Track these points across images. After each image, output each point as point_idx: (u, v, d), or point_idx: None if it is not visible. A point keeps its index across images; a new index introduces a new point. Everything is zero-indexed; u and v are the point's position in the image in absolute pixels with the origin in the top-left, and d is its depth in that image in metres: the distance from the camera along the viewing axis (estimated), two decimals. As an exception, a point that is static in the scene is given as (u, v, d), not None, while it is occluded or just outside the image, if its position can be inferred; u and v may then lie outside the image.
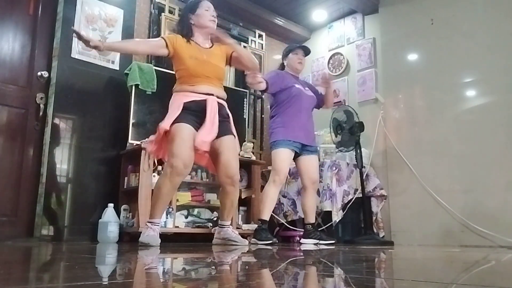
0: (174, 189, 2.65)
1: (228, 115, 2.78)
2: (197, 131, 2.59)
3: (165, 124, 2.55)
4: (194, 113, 2.61)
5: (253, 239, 3.26)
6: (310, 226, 3.40)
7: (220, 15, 4.22)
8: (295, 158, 3.40)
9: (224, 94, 2.79)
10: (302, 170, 3.41)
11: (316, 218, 4.09)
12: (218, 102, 2.70)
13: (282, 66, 3.62)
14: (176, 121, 2.56)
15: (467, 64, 3.69)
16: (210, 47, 2.83)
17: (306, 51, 3.58)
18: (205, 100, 2.63)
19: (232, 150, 2.72)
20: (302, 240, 3.42)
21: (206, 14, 2.78)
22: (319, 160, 3.51)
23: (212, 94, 2.68)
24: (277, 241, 3.31)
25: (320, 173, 3.89)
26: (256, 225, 3.37)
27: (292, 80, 3.45)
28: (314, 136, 3.52)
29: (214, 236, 2.92)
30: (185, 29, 2.79)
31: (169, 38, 2.73)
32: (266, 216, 3.29)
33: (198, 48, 2.75)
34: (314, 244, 3.26)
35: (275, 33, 4.98)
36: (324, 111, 3.78)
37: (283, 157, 3.29)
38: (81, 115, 3.35)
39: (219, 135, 2.66)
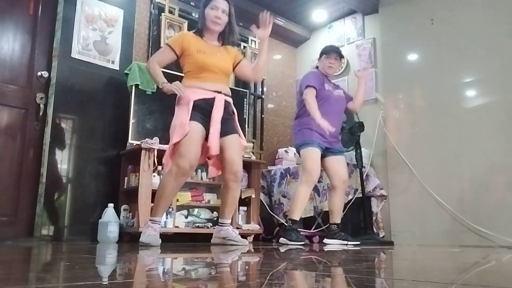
0: (178, 188, 2.69)
1: (233, 112, 2.82)
2: (205, 129, 2.62)
3: (184, 130, 2.53)
4: (203, 111, 2.63)
5: (282, 239, 3.24)
6: (336, 226, 3.38)
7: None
8: (320, 159, 3.40)
9: (229, 92, 2.83)
10: (330, 170, 3.43)
11: (314, 218, 4.09)
12: (225, 100, 2.73)
13: (317, 67, 3.66)
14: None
15: (467, 64, 3.69)
16: (220, 46, 2.85)
17: (341, 55, 3.63)
18: (213, 98, 2.66)
19: (236, 148, 2.74)
20: (326, 240, 3.39)
21: (210, 14, 2.77)
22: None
23: (220, 92, 2.71)
24: (308, 242, 3.28)
25: (320, 172, 3.89)
26: (287, 225, 3.33)
27: (323, 81, 3.48)
28: (338, 138, 3.52)
29: (213, 235, 2.90)
30: (199, 24, 2.84)
31: (172, 41, 2.78)
32: (296, 216, 3.28)
33: (206, 44, 2.79)
34: (342, 245, 3.22)
35: (275, 33, 4.97)
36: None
37: (314, 156, 3.31)
38: (81, 115, 3.35)
39: (224, 134, 2.69)
